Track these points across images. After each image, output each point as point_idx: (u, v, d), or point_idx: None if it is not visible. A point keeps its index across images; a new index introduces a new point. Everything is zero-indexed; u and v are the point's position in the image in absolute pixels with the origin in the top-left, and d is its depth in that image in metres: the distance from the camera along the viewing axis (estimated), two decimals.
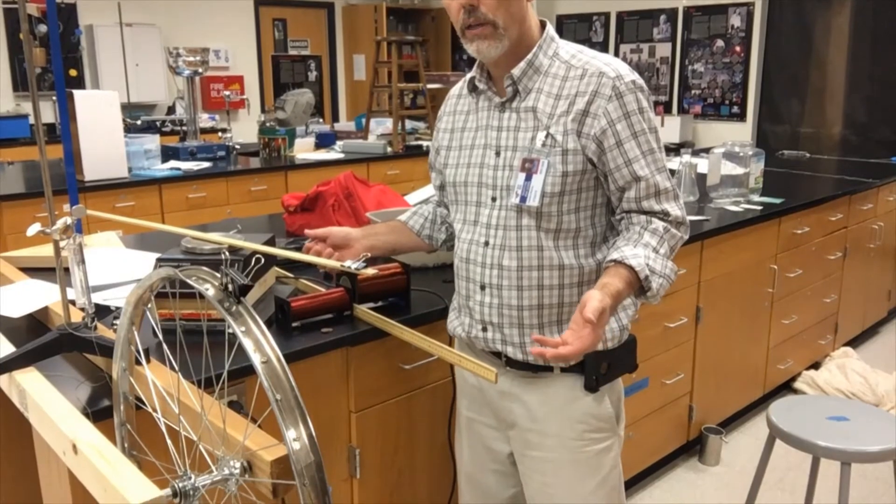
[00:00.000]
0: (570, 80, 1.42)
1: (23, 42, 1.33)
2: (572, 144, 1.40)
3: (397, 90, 5.11)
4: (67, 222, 1.31)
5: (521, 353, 1.51)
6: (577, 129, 1.40)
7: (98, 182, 3.69)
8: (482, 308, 1.52)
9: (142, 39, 6.78)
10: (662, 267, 1.39)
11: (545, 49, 1.45)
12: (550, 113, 1.42)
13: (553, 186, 1.41)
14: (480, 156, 1.52)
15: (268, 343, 0.92)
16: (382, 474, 1.81)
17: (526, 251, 1.46)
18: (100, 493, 0.98)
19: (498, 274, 1.48)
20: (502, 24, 1.39)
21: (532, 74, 1.45)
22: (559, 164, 1.41)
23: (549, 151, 1.41)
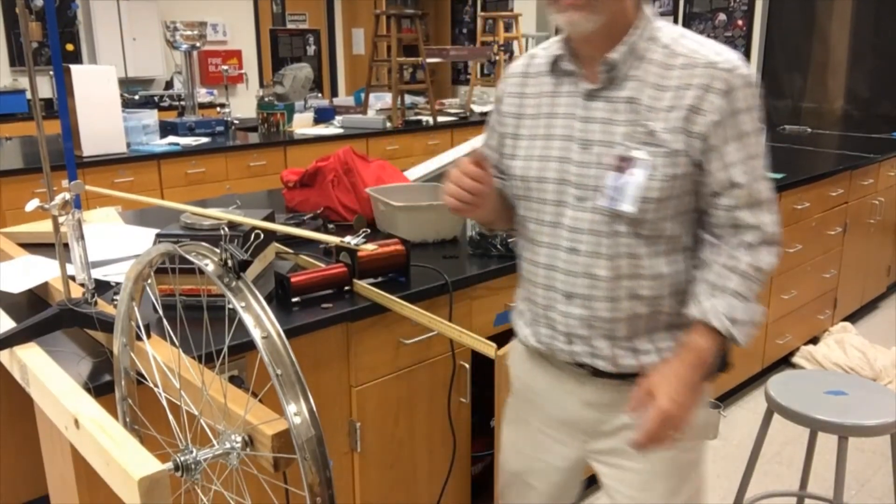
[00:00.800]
0: (675, 70, 1.25)
1: (18, 16, 1.32)
2: (680, 145, 1.24)
3: (396, 64, 5.07)
4: (66, 198, 1.31)
5: (611, 366, 1.35)
6: (685, 128, 1.23)
7: (96, 157, 3.67)
8: (567, 319, 1.35)
9: (139, 13, 6.72)
10: (747, 314, 1.26)
11: (643, 31, 1.27)
12: (651, 106, 1.25)
13: (655, 192, 1.25)
14: (561, 148, 1.33)
15: (268, 318, 0.93)
16: (383, 448, 1.83)
17: (620, 259, 1.30)
18: (102, 468, 0.98)
19: (588, 284, 1.32)
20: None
21: (633, 61, 1.27)
22: (665, 167, 1.24)
23: (654, 151, 1.24)
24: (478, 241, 2.02)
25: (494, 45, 6.08)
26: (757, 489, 2.56)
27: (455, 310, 1.84)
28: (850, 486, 2.58)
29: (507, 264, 1.96)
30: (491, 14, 6.90)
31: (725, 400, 3.15)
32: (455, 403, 1.94)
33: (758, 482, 2.60)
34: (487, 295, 1.96)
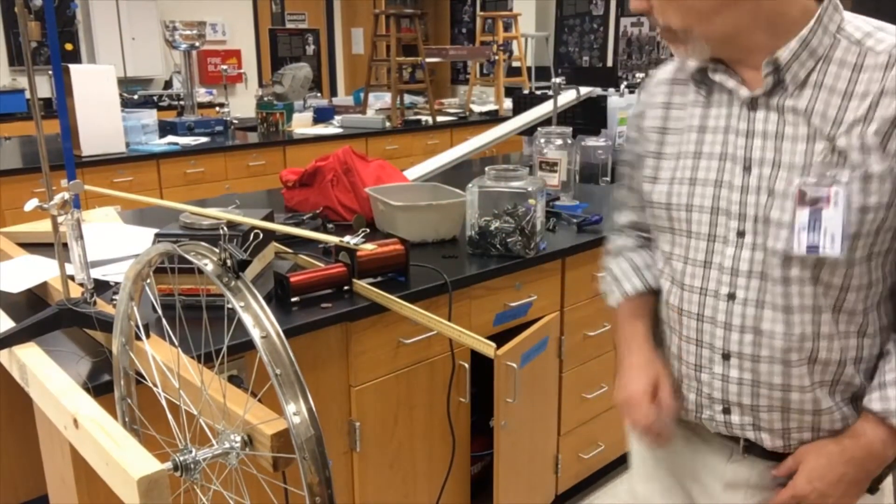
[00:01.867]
0: (868, 72, 0.99)
1: (17, 16, 1.32)
2: (877, 167, 0.97)
3: (396, 64, 5.07)
4: (65, 197, 1.31)
5: (780, 441, 1.11)
6: (883, 144, 0.97)
7: (95, 157, 3.67)
8: (725, 384, 1.11)
9: (138, 13, 6.71)
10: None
11: (826, 23, 1.01)
12: (835, 118, 1.00)
13: (851, 226, 1.00)
14: (717, 170, 1.09)
15: (267, 318, 0.93)
16: (382, 448, 1.83)
17: (798, 313, 1.04)
18: (101, 467, 0.98)
19: (753, 341, 1.07)
20: (680, 27, 1.03)
21: (806, 59, 1.02)
22: (857, 195, 0.98)
23: (847, 176, 0.99)
24: (477, 240, 2.02)
25: (494, 44, 6.08)
26: None
27: (454, 309, 1.84)
28: None
29: (507, 264, 1.96)
30: (490, 14, 6.90)
31: None
32: (454, 403, 1.94)
33: None
34: (487, 295, 1.97)
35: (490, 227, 1.99)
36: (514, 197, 1.95)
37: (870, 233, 1.00)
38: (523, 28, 6.62)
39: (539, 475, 2.14)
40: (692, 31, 1.03)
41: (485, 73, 7.31)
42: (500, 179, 1.97)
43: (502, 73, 6.11)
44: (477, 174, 2.09)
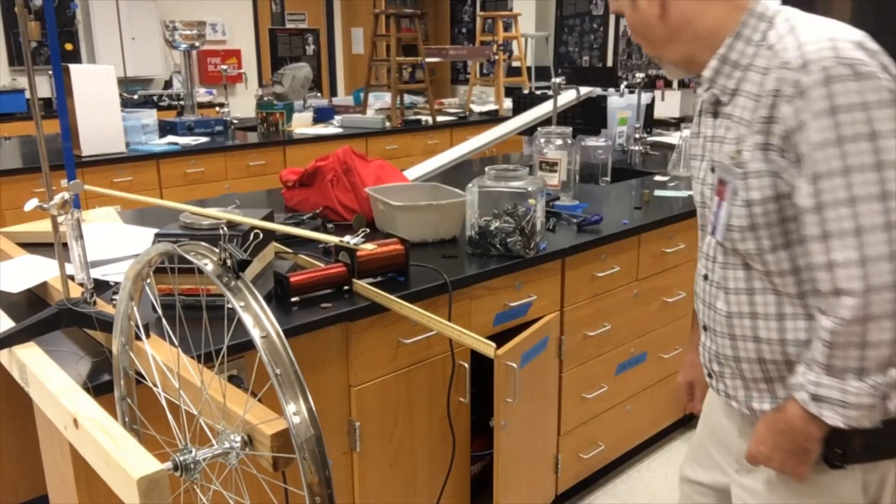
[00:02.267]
0: (772, 73, 1.07)
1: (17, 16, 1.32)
2: (756, 165, 1.09)
3: (396, 64, 5.07)
4: (65, 197, 1.31)
5: (745, 409, 1.25)
6: (764, 143, 1.07)
7: (95, 157, 3.67)
8: (704, 352, 1.31)
9: (138, 13, 6.71)
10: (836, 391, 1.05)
11: (748, 35, 1.12)
12: (750, 120, 1.10)
13: (739, 219, 1.12)
14: (699, 169, 1.27)
15: (267, 318, 0.93)
16: (382, 448, 1.83)
17: (734, 294, 1.19)
18: (101, 467, 0.98)
19: (712, 316, 1.25)
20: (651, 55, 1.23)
21: (731, 71, 1.13)
22: (742, 191, 1.11)
23: (740, 173, 1.11)
24: (477, 240, 2.02)
25: (494, 44, 6.08)
26: None
27: (454, 309, 1.84)
28: None
29: (507, 264, 1.96)
30: (490, 14, 6.90)
31: None
32: (454, 403, 1.94)
33: None
34: (487, 294, 1.97)
35: (490, 227, 1.99)
36: (514, 197, 1.95)
37: (771, 224, 1.10)
38: (523, 28, 6.62)
39: (539, 475, 2.14)
40: (660, 58, 1.21)
41: (485, 73, 7.31)
42: (500, 179, 1.97)
43: (502, 73, 6.11)
44: (477, 174, 2.09)
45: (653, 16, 1.17)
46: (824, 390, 1.06)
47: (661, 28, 1.17)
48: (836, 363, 1.05)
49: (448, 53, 5.85)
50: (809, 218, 1.04)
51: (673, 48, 1.18)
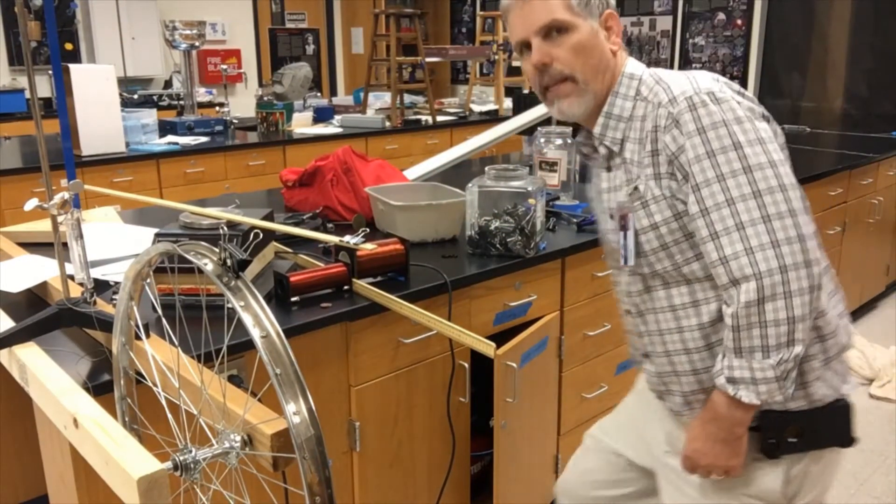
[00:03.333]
0: (648, 119, 1.26)
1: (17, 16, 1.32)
2: (653, 192, 1.25)
3: (396, 64, 5.07)
4: (65, 197, 1.31)
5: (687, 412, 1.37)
6: (654, 174, 1.24)
7: (95, 157, 3.67)
8: (650, 377, 1.42)
9: (138, 13, 6.71)
10: (746, 370, 1.17)
11: (624, 92, 1.30)
12: (639, 161, 1.27)
13: (647, 243, 1.28)
14: (604, 221, 1.42)
15: (267, 318, 0.93)
16: (382, 447, 1.83)
17: (661, 313, 1.32)
18: (101, 467, 0.98)
19: (649, 342, 1.38)
20: (581, 78, 1.29)
21: (616, 124, 1.31)
22: (644, 218, 1.27)
23: (638, 205, 1.27)
24: (477, 240, 2.02)
25: (494, 44, 6.08)
26: None
27: (454, 309, 1.84)
28: (849, 485, 2.58)
29: (507, 264, 1.96)
30: (490, 13, 6.89)
31: None
32: (454, 403, 1.94)
33: None
34: (487, 294, 1.97)
35: (490, 226, 1.99)
36: (514, 197, 1.95)
37: (679, 241, 1.25)
38: None
39: (539, 475, 2.14)
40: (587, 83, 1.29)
41: (485, 72, 7.31)
42: (500, 179, 1.97)
43: (502, 72, 6.11)
44: (477, 174, 2.09)
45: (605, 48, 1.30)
46: (737, 371, 1.18)
47: (603, 62, 1.30)
48: (742, 345, 1.17)
49: (448, 53, 5.85)
50: (699, 223, 1.19)
51: (604, 80, 1.31)
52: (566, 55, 1.27)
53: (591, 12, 1.29)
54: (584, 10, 1.28)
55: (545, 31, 1.28)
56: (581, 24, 1.28)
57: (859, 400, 3.19)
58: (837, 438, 1.29)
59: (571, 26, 1.27)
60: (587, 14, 1.28)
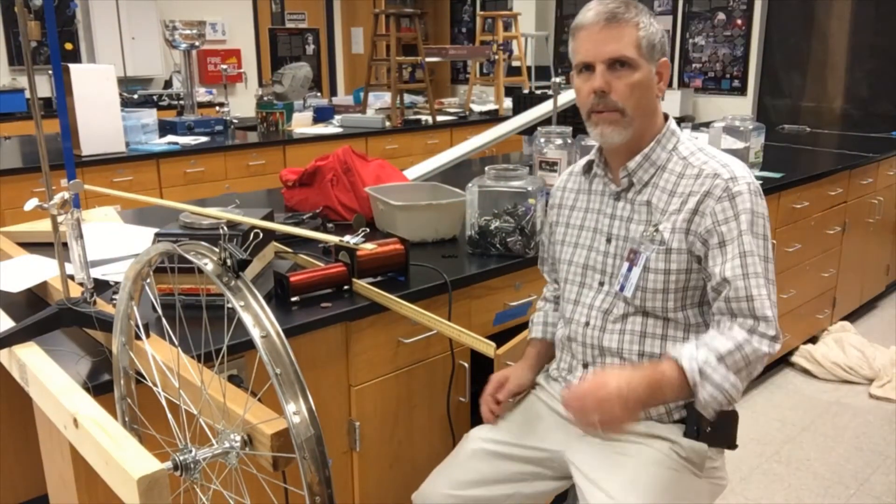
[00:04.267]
0: (686, 179, 1.42)
1: (17, 15, 1.32)
2: (677, 244, 1.41)
3: (396, 64, 5.07)
4: (65, 197, 1.31)
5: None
6: (686, 228, 1.40)
7: (95, 157, 3.67)
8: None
9: (138, 13, 6.71)
10: (720, 378, 1.32)
11: (664, 143, 1.46)
12: (664, 209, 1.43)
13: (653, 283, 1.42)
14: (591, 238, 1.54)
15: (267, 318, 0.93)
16: (382, 447, 1.83)
17: (628, 335, 1.48)
18: (101, 467, 0.98)
19: (599, 354, 1.51)
20: (630, 113, 1.41)
21: (648, 168, 1.46)
22: (661, 262, 1.42)
23: (654, 248, 1.42)
24: (477, 240, 2.02)
25: (494, 44, 6.08)
26: (756, 489, 2.56)
27: (454, 309, 1.84)
28: (849, 485, 2.58)
29: (507, 263, 1.96)
30: (490, 13, 6.90)
31: None
32: (454, 403, 1.94)
33: (757, 482, 2.60)
34: (487, 294, 1.97)
35: (490, 226, 1.99)
36: (514, 196, 1.95)
37: (678, 290, 1.43)
38: (523, 28, 6.62)
39: None
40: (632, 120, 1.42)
41: (485, 72, 7.30)
42: (500, 179, 1.97)
43: (502, 72, 6.11)
44: (477, 174, 2.09)
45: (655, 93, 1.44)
46: (710, 369, 1.32)
47: (652, 104, 1.45)
48: (731, 362, 1.33)
49: (448, 53, 5.85)
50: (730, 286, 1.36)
51: (646, 121, 1.45)
52: (624, 89, 1.40)
53: (652, 57, 1.42)
54: (648, 53, 1.40)
55: (612, 62, 1.39)
56: (643, 66, 1.40)
57: (859, 400, 3.19)
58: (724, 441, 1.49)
59: (636, 65, 1.39)
60: (649, 57, 1.41)
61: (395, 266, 1.82)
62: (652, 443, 1.47)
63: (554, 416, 1.60)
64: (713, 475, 1.51)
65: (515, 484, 1.57)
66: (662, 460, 1.45)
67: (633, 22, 1.39)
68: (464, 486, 1.56)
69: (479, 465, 1.58)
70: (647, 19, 1.41)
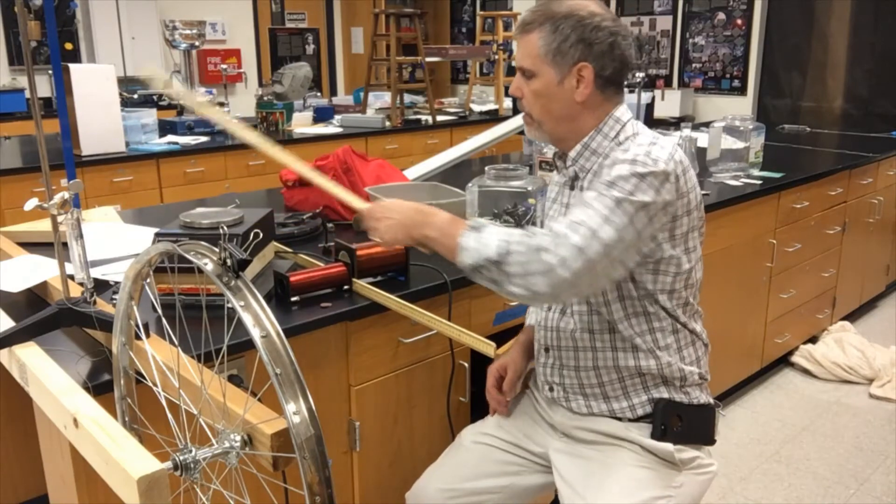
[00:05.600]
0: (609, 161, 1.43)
1: (17, 15, 1.32)
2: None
3: (395, 63, 5.07)
4: (65, 197, 1.31)
5: (584, 409, 1.55)
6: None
7: (95, 157, 3.67)
8: (545, 369, 1.60)
9: (138, 12, 6.71)
10: (490, 234, 1.32)
11: (606, 132, 1.47)
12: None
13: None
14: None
15: (267, 317, 0.93)
16: (382, 447, 1.83)
17: (577, 315, 1.52)
18: (101, 467, 0.98)
19: (556, 336, 1.56)
20: (537, 119, 1.48)
21: (589, 156, 1.48)
22: None
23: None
24: None
25: (494, 44, 6.08)
26: (756, 489, 2.56)
27: (454, 309, 1.84)
28: (849, 485, 2.58)
29: None
30: (490, 13, 6.90)
31: (724, 399, 3.15)
32: (454, 402, 1.94)
33: (757, 481, 2.60)
34: (487, 294, 1.96)
35: None
36: (514, 196, 1.95)
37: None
38: None
39: None
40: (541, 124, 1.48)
41: (485, 72, 7.31)
42: (500, 179, 1.97)
43: (502, 72, 6.11)
44: (477, 173, 2.09)
45: (570, 96, 1.44)
46: (483, 227, 1.34)
47: (566, 108, 1.45)
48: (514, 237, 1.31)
49: (448, 53, 5.85)
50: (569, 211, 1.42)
51: (559, 126, 1.48)
52: (528, 96, 1.47)
53: (560, 62, 1.42)
54: (551, 60, 1.42)
55: (520, 69, 1.47)
56: (545, 73, 1.43)
57: (859, 400, 3.19)
58: (703, 438, 1.53)
59: (534, 74, 1.44)
60: (554, 64, 1.42)
61: (395, 266, 1.82)
62: (622, 444, 1.51)
63: (537, 416, 1.65)
64: (695, 466, 1.51)
65: (510, 476, 1.61)
66: (635, 460, 1.48)
67: (538, 32, 1.42)
68: (457, 480, 1.60)
69: (471, 458, 1.62)
70: (557, 26, 1.40)
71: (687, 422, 1.50)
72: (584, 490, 1.48)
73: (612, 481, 1.46)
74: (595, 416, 1.54)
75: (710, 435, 1.55)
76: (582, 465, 1.52)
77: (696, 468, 1.51)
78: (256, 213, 1.72)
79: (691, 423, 1.51)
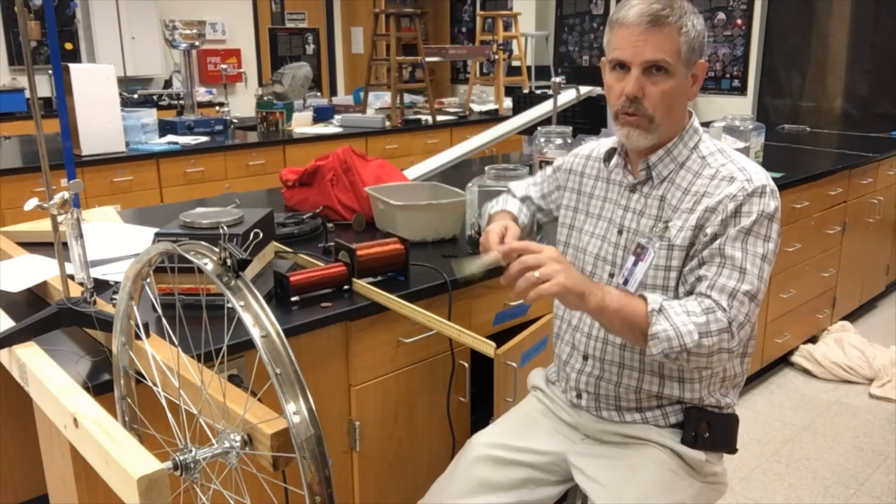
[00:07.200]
0: (702, 178, 1.40)
1: (17, 15, 1.32)
2: (681, 241, 1.38)
3: (396, 63, 5.07)
4: (65, 197, 1.31)
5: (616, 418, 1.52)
6: (695, 225, 1.37)
7: (95, 156, 3.67)
8: (579, 376, 1.54)
9: (138, 12, 6.71)
10: (681, 323, 1.28)
11: (686, 140, 1.44)
12: (676, 206, 1.41)
13: (652, 279, 1.41)
14: (604, 229, 1.52)
15: (267, 317, 0.93)
16: (382, 447, 1.83)
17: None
18: (101, 466, 0.98)
19: (602, 348, 1.50)
20: (659, 120, 1.38)
21: (669, 163, 1.43)
22: (663, 259, 1.40)
23: (660, 244, 1.40)
24: (477, 240, 2.01)
25: (494, 44, 6.07)
26: (756, 489, 2.56)
27: (454, 309, 1.84)
28: (849, 485, 2.58)
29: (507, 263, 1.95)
30: (490, 13, 6.90)
31: None
32: (454, 402, 1.94)
33: (757, 481, 2.60)
34: (487, 294, 1.96)
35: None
36: None
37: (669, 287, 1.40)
38: (523, 27, 6.62)
39: None
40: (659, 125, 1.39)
41: (485, 72, 7.30)
42: (500, 178, 1.97)
43: (502, 72, 6.11)
44: (477, 173, 2.09)
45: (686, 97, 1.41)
46: (677, 320, 1.28)
47: (683, 109, 1.43)
48: (700, 319, 1.29)
49: (448, 53, 5.85)
50: (717, 268, 1.34)
51: (670, 129, 1.42)
52: (657, 96, 1.36)
53: (690, 61, 1.38)
54: (687, 58, 1.36)
55: (649, 66, 1.35)
56: (680, 72, 1.36)
57: (859, 400, 3.19)
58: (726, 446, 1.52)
59: (673, 71, 1.35)
60: (686, 62, 1.37)
61: (395, 266, 1.82)
62: (651, 446, 1.48)
63: (554, 420, 1.61)
64: (713, 480, 1.51)
65: (518, 491, 1.54)
66: (663, 461, 1.46)
67: (676, 25, 1.33)
68: (466, 494, 1.52)
69: (480, 472, 1.54)
70: (691, 21, 1.36)
71: (715, 429, 1.48)
72: (611, 483, 1.44)
73: (639, 475, 1.44)
74: (626, 424, 1.52)
75: (734, 443, 1.53)
76: (609, 463, 1.49)
77: (715, 483, 1.51)
78: (256, 213, 1.72)
79: (719, 431, 1.49)
